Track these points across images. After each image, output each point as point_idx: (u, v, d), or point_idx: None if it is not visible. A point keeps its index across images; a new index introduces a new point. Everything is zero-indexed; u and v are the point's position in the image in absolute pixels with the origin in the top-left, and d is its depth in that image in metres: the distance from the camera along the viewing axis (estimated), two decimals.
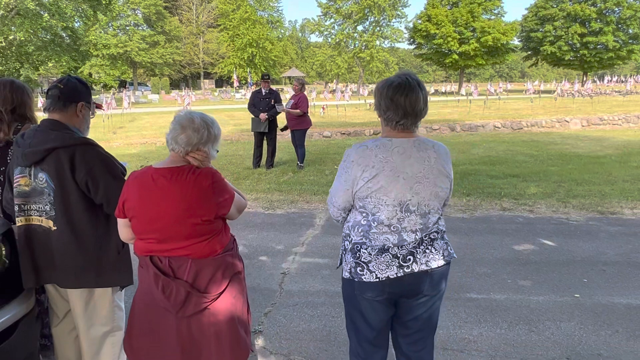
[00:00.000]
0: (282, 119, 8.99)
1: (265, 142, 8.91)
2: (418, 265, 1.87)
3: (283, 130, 9.26)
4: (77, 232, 2.13)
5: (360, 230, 1.90)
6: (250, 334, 2.17)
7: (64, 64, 34.92)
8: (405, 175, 1.83)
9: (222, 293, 1.95)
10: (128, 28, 52.88)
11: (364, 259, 1.87)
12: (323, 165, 9.14)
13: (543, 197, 6.54)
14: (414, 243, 1.87)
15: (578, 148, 11.00)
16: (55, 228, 2.13)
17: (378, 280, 1.86)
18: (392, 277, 1.85)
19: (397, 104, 1.84)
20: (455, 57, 44.61)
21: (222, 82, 68.41)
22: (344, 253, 1.98)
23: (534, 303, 3.54)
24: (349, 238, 1.95)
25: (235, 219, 2.09)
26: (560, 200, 6.34)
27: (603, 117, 16.27)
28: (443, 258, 1.93)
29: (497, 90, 32.08)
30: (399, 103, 1.84)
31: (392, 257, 1.85)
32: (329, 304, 3.56)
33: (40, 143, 2.09)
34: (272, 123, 8.68)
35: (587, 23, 46.13)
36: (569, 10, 46.13)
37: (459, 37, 43.96)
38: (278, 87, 43.94)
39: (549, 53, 47.89)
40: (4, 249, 2.19)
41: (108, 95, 27.59)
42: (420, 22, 45.56)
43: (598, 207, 6.02)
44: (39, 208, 2.13)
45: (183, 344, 1.92)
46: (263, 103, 8.59)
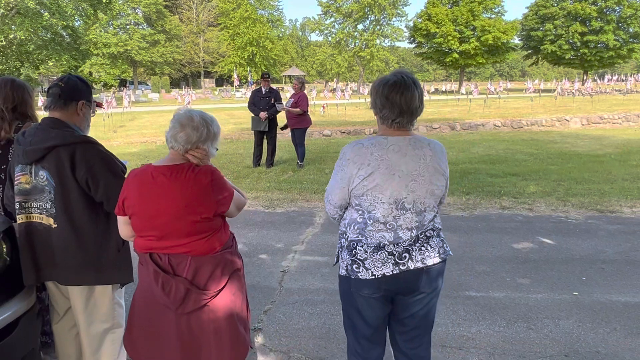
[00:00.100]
0: (282, 118, 9.00)
1: (266, 140, 8.92)
2: (414, 263, 1.88)
3: (283, 129, 9.27)
4: (77, 229, 2.15)
5: (356, 228, 1.91)
6: (250, 331, 2.18)
7: (64, 63, 34.95)
8: (401, 173, 1.84)
9: (221, 290, 1.96)
10: (128, 27, 52.87)
11: (360, 257, 1.89)
12: (323, 164, 9.15)
13: (542, 195, 6.55)
14: (410, 241, 1.88)
15: (578, 147, 11.00)
16: (56, 226, 2.14)
17: (374, 278, 1.87)
18: (387, 274, 1.86)
19: (392, 102, 1.85)
20: (456, 56, 44.58)
21: (222, 81, 68.42)
22: (341, 250, 1.99)
23: (533, 301, 3.56)
24: (345, 235, 1.96)
25: (235, 217, 2.10)
26: (560, 199, 6.35)
27: (603, 115, 16.26)
28: (439, 255, 1.94)
29: (497, 89, 32.00)
30: (395, 101, 1.84)
31: (387, 254, 1.86)
32: (329, 302, 3.57)
33: (41, 141, 2.10)
34: (272, 122, 8.68)
35: (587, 22, 46.13)
36: (570, 9, 46.14)
37: (460, 36, 43.92)
38: (278, 86, 43.91)
39: (550, 52, 47.91)
40: (5, 247, 2.20)
41: (108, 94, 27.59)
42: (421, 21, 45.53)
43: (597, 205, 6.03)
44: (40, 206, 2.15)
45: (183, 341, 1.94)
46: (263, 102, 8.60)
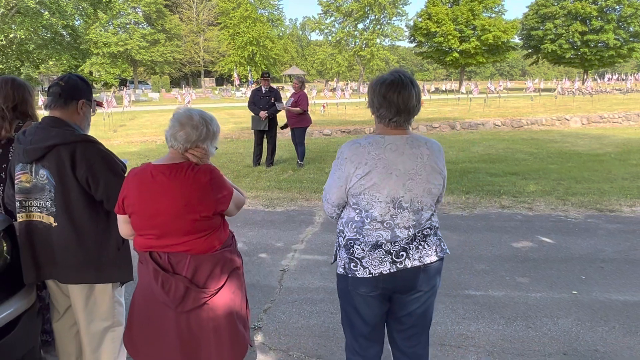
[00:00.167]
0: (282, 117, 9.01)
1: (266, 140, 8.93)
2: (411, 261, 1.89)
3: (283, 129, 9.27)
4: (77, 228, 2.16)
5: (354, 227, 1.92)
6: (249, 330, 2.19)
7: (65, 62, 34.96)
8: (398, 172, 1.85)
9: (220, 288, 1.97)
10: (128, 26, 52.87)
11: (358, 255, 1.89)
12: (323, 164, 9.16)
13: (542, 194, 6.56)
14: (407, 239, 1.89)
15: (578, 146, 11.00)
16: (56, 224, 2.15)
17: (371, 276, 1.88)
18: (385, 272, 1.87)
19: (390, 101, 1.85)
20: (456, 55, 44.54)
21: (222, 80, 68.37)
22: (338, 249, 2.00)
23: (532, 300, 3.56)
24: (343, 234, 1.96)
25: (235, 216, 2.11)
26: (559, 198, 6.35)
27: (603, 115, 16.26)
28: (436, 254, 1.94)
29: (497, 89, 32.02)
30: (392, 100, 1.85)
31: (385, 253, 1.87)
32: (328, 301, 3.58)
33: (41, 140, 2.11)
34: (272, 121, 8.69)
35: (587, 21, 46.10)
36: (570, 8, 46.12)
37: (460, 35, 43.87)
38: (278, 85, 43.97)
39: (550, 51, 47.88)
40: (5, 245, 2.21)
41: (108, 94, 27.61)
42: (421, 20, 45.48)
43: (597, 204, 6.03)
44: (40, 204, 2.16)
45: (182, 339, 1.94)
46: (263, 101, 8.61)
